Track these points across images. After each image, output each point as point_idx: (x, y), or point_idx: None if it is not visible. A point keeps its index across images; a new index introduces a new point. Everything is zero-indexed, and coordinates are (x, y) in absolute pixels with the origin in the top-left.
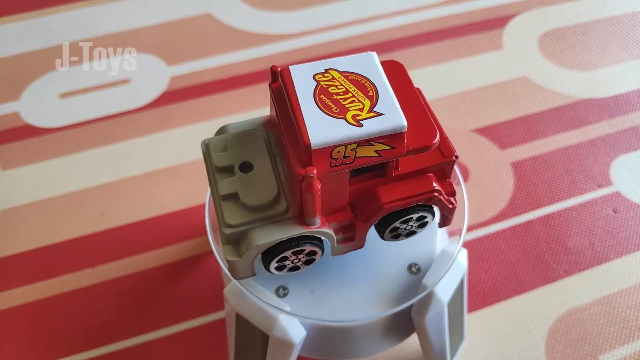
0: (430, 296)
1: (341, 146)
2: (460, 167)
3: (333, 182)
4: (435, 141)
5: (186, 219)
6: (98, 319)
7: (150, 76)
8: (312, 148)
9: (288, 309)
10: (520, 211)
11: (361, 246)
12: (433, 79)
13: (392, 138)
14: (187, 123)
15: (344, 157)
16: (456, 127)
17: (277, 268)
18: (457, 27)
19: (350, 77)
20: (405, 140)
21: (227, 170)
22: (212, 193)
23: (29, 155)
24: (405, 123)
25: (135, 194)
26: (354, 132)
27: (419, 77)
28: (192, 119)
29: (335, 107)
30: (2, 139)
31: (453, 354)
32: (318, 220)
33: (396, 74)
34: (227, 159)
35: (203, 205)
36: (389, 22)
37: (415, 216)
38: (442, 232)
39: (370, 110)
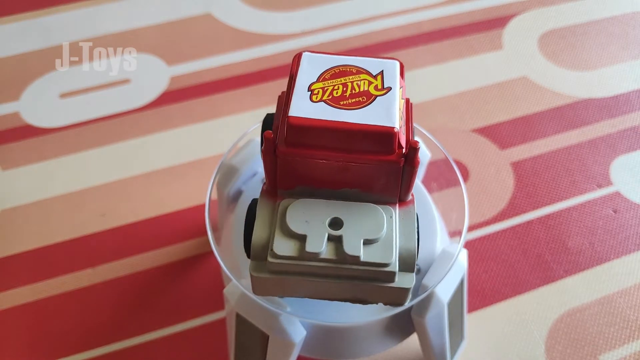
0: (430, 296)
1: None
2: (460, 167)
3: None
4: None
5: (186, 219)
6: (98, 319)
7: (150, 76)
8: (396, 131)
9: (288, 309)
10: (520, 211)
11: None
12: (433, 79)
13: (402, 80)
14: (188, 123)
15: (402, 119)
16: (456, 127)
17: None
18: (457, 27)
19: (326, 76)
20: None
21: (329, 241)
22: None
23: (29, 155)
24: (397, 61)
25: (135, 194)
26: (396, 95)
27: (418, 77)
28: (192, 119)
29: (360, 98)
30: (2, 139)
31: (453, 354)
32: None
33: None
34: (317, 240)
35: (203, 205)
36: (389, 22)
37: None
38: (442, 232)
39: (374, 77)
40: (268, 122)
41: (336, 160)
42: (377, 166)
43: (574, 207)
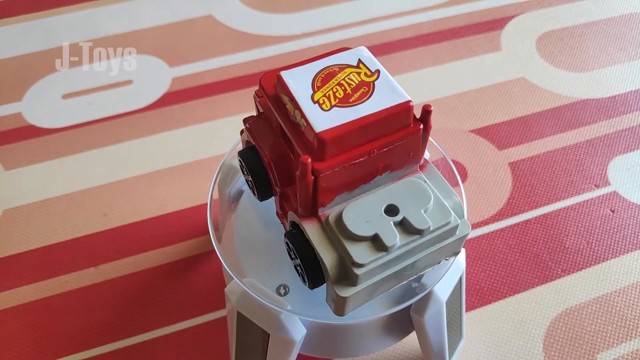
0: (429, 295)
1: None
2: (459, 167)
3: None
4: None
5: (187, 218)
6: (100, 318)
7: (152, 77)
8: (412, 103)
9: (289, 307)
10: (518, 211)
11: None
12: (432, 80)
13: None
14: (189, 124)
15: None
16: (454, 128)
17: None
18: (455, 28)
19: (318, 84)
20: None
21: (396, 226)
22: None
23: (31, 155)
24: (364, 47)
25: (137, 194)
26: (387, 74)
27: (418, 79)
28: (193, 119)
29: (362, 89)
30: (4, 140)
31: (452, 352)
32: None
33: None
34: (389, 232)
35: (204, 205)
36: (388, 23)
37: None
38: None
39: (357, 67)
40: (249, 157)
41: (371, 153)
42: (404, 141)
43: (571, 206)
